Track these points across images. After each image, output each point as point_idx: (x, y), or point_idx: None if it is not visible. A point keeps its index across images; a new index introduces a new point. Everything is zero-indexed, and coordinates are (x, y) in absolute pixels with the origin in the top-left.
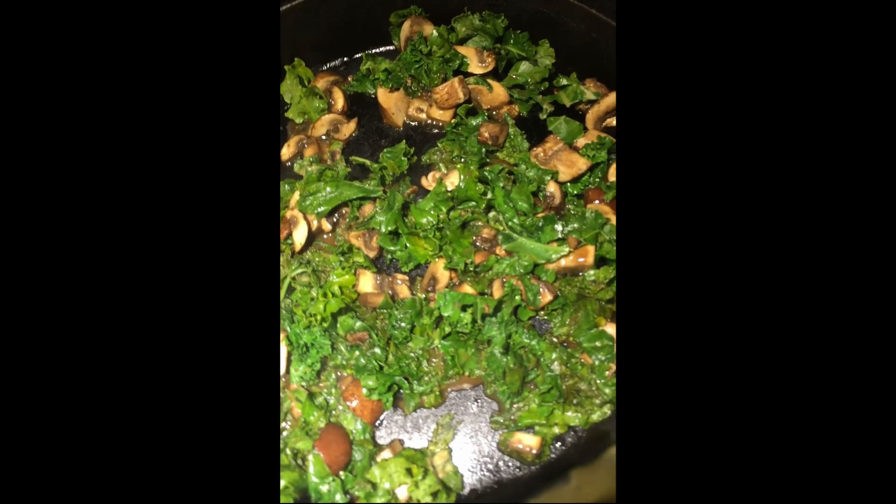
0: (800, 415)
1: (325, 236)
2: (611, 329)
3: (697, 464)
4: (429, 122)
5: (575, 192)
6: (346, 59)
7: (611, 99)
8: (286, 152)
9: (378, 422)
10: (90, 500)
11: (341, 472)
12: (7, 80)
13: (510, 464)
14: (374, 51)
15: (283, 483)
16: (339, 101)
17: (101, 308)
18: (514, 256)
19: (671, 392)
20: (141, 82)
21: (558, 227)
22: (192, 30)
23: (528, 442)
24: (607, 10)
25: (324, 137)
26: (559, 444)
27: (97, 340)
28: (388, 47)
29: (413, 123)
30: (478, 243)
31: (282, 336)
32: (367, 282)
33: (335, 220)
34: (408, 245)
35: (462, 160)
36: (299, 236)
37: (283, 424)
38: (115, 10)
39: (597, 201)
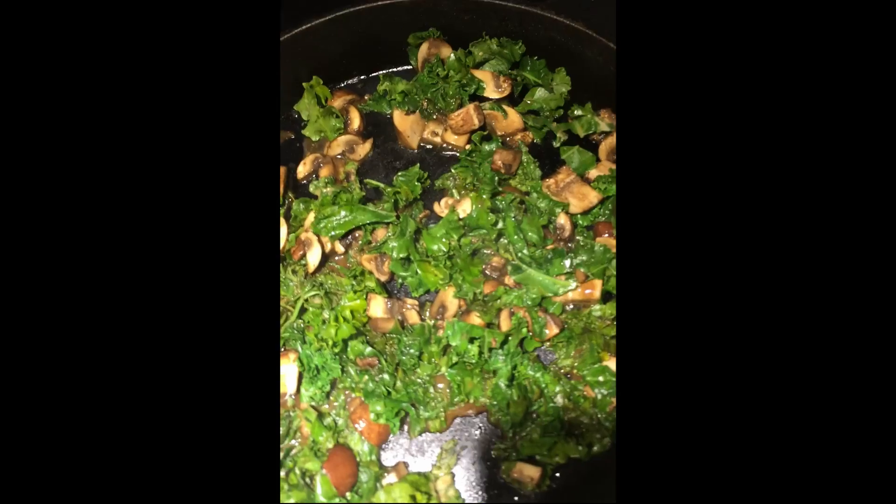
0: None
1: (337, 258)
2: (613, 365)
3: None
4: (443, 146)
5: (585, 223)
6: (363, 77)
7: None
8: (302, 170)
9: (384, 444)
10: None
11: (347, 493)
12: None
13: (510, 491)
14: (391, 70)
15: (291, 501)
16: (356, 120)
17: (102, 313)
18: (523, 288)
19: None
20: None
21: (566, 261)
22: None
23: (528, 472)
24: None
25: (339, 156)
26: (558, 474)
27: (94, 346)
28: (405, 66)
29: (428, 146)
30: (487, 271)
31: (294, 356)
32: (377, 306)
33: (349, 241)
34: (419, 271)
35: (475, 187)
36: (313, 258)
37: (292, 442)
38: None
39: (606, 234)
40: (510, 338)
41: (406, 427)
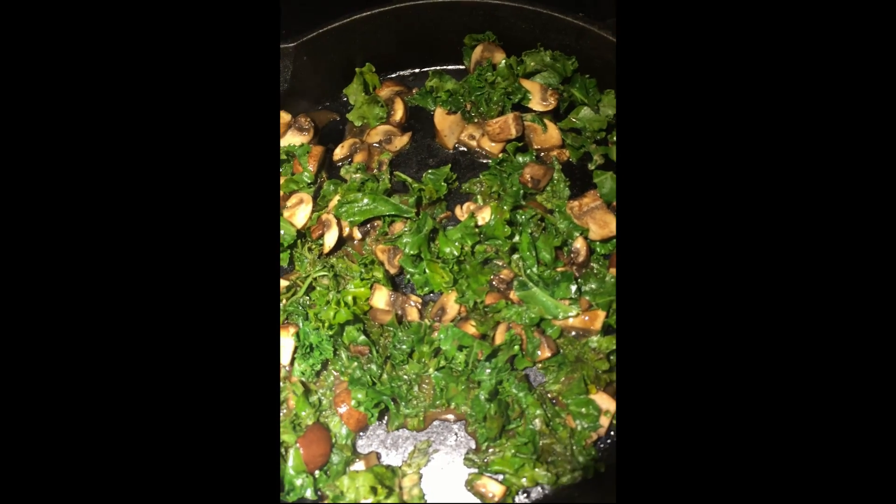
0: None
1: (354, 242)
2: (600, 399)
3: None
4: (478, 150)
5: (603, 252)
6: (416, 70)
7: None
8: (339, 153)
9: (362, 431)
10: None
11: (316, 471)
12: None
13: (472, 502)
14: (444, 67)
15: None
16: (399, 112)
17: (99, 293)
18: (524, 306)
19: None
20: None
21: (573, 286)
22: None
23: (491, 488)
24: None
25: (376, 145)
26: (524, 495)
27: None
28: (459, 66)
29: (463, 149)
30: (494, 283)
31: (293, 331)
32: (380, 297)
33: (367, 229)
34: (427, 270)
35: (499, 197)
36: (330, 240)
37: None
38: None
39: None
40: (500, 353)
41: (386, 419)
